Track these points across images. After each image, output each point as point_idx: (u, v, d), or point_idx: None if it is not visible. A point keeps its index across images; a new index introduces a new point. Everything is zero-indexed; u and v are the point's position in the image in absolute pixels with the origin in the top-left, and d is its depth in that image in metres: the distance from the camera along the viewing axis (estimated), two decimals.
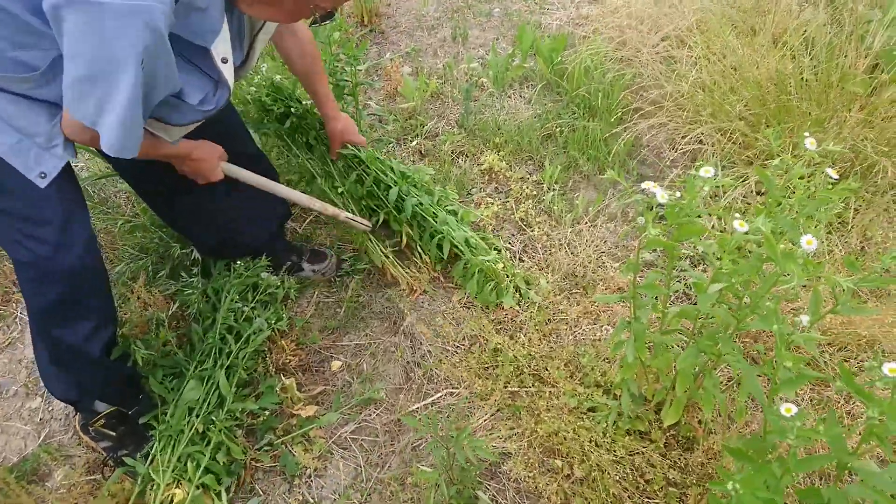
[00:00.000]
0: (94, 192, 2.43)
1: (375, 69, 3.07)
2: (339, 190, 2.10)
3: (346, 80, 2.30)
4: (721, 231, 2.19)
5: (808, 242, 0.94)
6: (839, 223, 2.17)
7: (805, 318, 0.96)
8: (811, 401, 1.76)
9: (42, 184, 1.33)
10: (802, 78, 2.33)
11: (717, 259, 1.10)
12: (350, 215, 2.01)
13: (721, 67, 2.49)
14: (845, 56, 2.32)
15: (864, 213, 2.16)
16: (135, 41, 1.07)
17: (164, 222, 2.06)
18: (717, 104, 2.40)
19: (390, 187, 2.05)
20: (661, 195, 1.07)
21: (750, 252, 1.14)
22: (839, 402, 1.75)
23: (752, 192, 2.24)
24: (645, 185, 1.09)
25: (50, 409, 1.87)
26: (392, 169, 2.09)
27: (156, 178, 1.72)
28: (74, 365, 1.57)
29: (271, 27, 1.50)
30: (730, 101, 2.37)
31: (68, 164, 1.39)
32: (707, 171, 1.07)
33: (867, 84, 2.25)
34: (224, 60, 1.32)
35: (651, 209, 1.11)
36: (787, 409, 0.91)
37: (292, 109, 2.11)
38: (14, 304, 2.11)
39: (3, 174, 1.31)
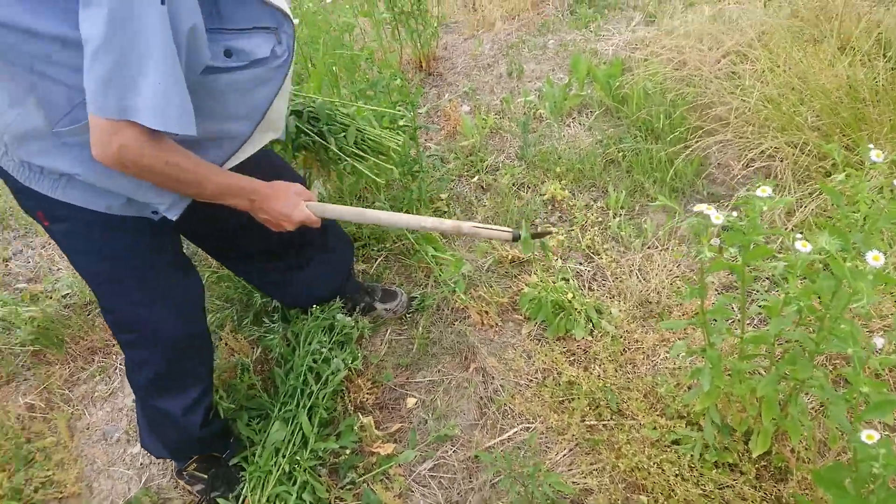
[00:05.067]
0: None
1: (435, 111, 3.16)
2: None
3: (407, 126, 2.38)
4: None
5: (875, 258, 0.90)
6: None
7: (880, 341, 0.91)
8: None
9: (156, 218, 1.39)
10: (876, 83, 2.22)
11: (785, 281, 1.07)
12: (477, 225, 1.54)
13: (787, 79, 2.41)
14: None
15: None
16: None
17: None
18: (786, 117, 2.32)
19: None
20: (716, 216, 1.05)
21: (824, 270, 1.10)
22: None
23: (830, 205, 2.14)
24: (697, 207, 1.07)
25: (149, 454, 1.99)
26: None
27: (228, 242, 1.79)
28: (173, 433, 1.67)
29: None
30: (799, 112, 2.29)
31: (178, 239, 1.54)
32: (764, 191, 1.04)
33: None
34: None
35: (707, 231, 1.10)
36: (870, 437, 0.86)
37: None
38: (114, 356, 2.27)
39: (117, 266, 1.42)
